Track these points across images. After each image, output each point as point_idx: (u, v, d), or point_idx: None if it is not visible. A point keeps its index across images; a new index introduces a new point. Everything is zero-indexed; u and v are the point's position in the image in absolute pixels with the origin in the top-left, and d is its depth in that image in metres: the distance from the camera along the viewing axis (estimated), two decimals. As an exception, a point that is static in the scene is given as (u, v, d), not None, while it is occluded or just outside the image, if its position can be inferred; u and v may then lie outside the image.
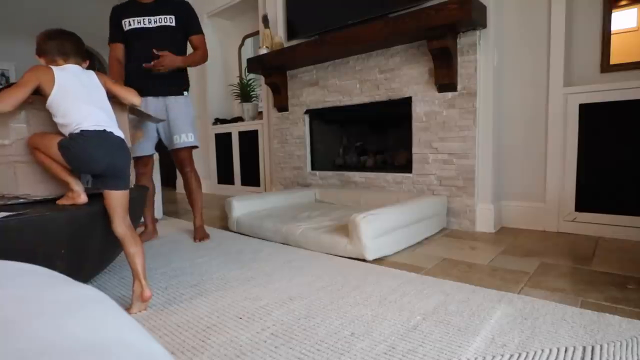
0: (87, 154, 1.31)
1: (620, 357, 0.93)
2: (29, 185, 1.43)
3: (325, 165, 3.21)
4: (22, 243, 1.18)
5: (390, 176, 2.68)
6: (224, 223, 2.65)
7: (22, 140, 1.40)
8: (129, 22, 2.08)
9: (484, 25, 2.19)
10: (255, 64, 3.20)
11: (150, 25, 2.08)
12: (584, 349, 0.97)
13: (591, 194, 2.12)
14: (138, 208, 1.74)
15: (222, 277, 1.61)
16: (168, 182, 4.70)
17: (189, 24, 2.18)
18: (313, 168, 3.22)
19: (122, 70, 2.13)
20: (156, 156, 2.93)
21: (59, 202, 1.41)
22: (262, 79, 3.51)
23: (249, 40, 4.53)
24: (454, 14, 2.04)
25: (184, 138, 2.17)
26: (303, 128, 3.20)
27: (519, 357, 0.94)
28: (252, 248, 2.05)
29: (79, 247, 1.34)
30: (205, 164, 4.74)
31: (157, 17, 2.08)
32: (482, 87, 2.23)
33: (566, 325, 1.09)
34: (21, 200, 1.42)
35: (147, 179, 2.27)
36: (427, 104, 2.44)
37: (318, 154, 3.22)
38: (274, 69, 3.15)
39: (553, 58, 2.16)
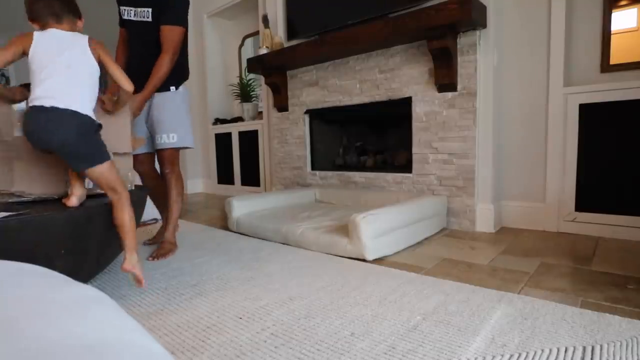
0: (26, 131, 1.25)
1: (620, 357, 0.93)
2: (24, 183, 1.43)
3: (325, 165, 3.21)
4: (22, 243, 1.18)
5: (390, 176, 2.68)
6: (224, 223, 2.65)
7: (22, 138, 1.40)
8: (124, 10, 1.95)
9: (484, 25, 2.19)
10: (255, 64, 3.20)
11: (133, 18, 1.93)
12: (584, 349, 0.97)
13: (591, 194, 2.12)
14: (139, 209, 1.74)
15: (222, 277, 1.61)
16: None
17: (162, 13, 1.88)
18: (313, 168, 3.22)
19: (123, 56, 2.05)
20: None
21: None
22: (262, 79, 3.51)
23: (249, 40, 4.52)
24: (454, 14, 2.04)
25: (164, 139, 1.97)
26: (303, 128, 3.20)
27: (519, 357, 0.94)
28: (252, 248, 2.05)
29: (78, 247, 1.34)
30: (205, 164, 4.74)
31: (139, 10, 1.90)
32: (482, 87, 2.23)
33: (566, 325, 1.09)
34: (14, 199, 1.42)
35: (151, 179, 2.15)
36: (427, 104, 2.44)
37: (318, 154, 3.22)
38: (274, 69, 3.15)
39: (553, 58, 2.16)
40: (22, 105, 1.43)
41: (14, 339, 0.31)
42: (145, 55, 1.90)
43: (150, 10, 1.87)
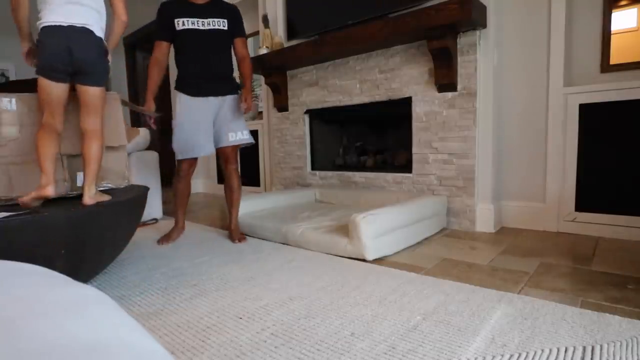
0: (50, 50, 1.36)
1: (620, 357, 0.93)
2: (22, 186, 1.43)
3: (325, 165, 3.21)
4: (22, 243, 1.18)
5: (390, 176, 2.68)
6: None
7: (14, 141, 1.40)
8: (183, 22, 2.03)
9: (484, 25, 2.19)
10: (255, 64, 3.20)
11: (203, 28, 2.06)
12: (584, 349, 0.97)
13: (591, 194, 2.12)
14: (139, 208, 1.74)
15: (222, 277, 1.61)
16: (168, 181, 4.70)
17: (236, 26, 2.17)
18: (313, 168, 3.22)
19: (160, 69, 2.13)
20: (155, 155, 2.93)
21: (21, 200, 1.37)
22: (262, 79, 3.51)
23: (249, 40, 4.52)
24: (454, 14, 2.04)
25: (240, 135, 2.18)
26: (303, 128, 3.20)
27: (519, 357, 0.94)
28: (252, 248, 2.05)
29: (78, 247, 1.34)
30: (205, 164, 4.74)
31: (211, 20, 2.07)
32: (482, 87, 2.23)
33: (566, 325, 1.09)
34: (12, 202, 1.43)
35: (188, 180, 2.26)
36: (427, 104, 2.44)
37: (318, 154, 3.22)
38: (274, 69, 3.15)
39: (553, 58, 2.16)
40: (5, 104, 1.44)
41: (13, 339, 0.31)
42: (216, 60, 2.11)
43: (226, 21, 2.10)
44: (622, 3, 2.07)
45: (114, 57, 1.64)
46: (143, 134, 2.88)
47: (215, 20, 2.08)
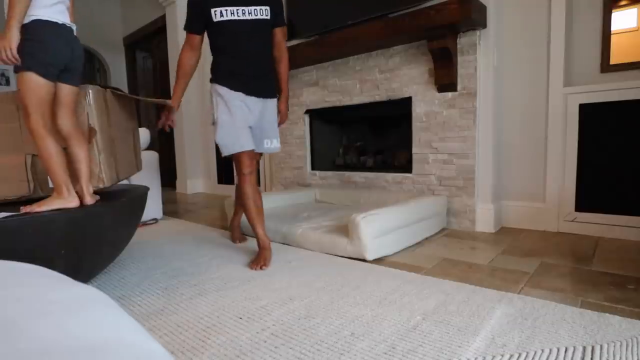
0: (47, 44, 1.32)
1: (620, 357, 0.93)
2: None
3: (325, 165, 3.21)
4: (22, 243, 1.18)
5: (390, 176, 2.68)
6: (224, 223, 2.65)
7: None
8: (222, 12, 1.78)
9: (484, 25, 2.19)
10: (255, 64, 3.20)
11: (245, 17, 1.79)
12: (584, 349, 0.97)
13: (591, 194, 2.12)
14: (139, 210, 1.74)
15: (222, 277, 1.61)
16: (168, 181, 4.70)
17: (277, 13, 1.89)
18: (313, 168, 3.22)
19: (193, 65, 1.95)
20: (155, 155, 2.93)
21: (38, 208, 1.30)
22: (262, 79, 3.50)
23: (249, 40, 4.52)
24: (454, 14, 2.04)
25: (275, 143, 1.95)
26: (303, 128, 3.20)
27: (519, 357, 0.94)
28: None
29: (78, 247, 1.34)
30: (205, 164, 4.74)
31: (252, 9, 1.81)
32: (482, 87, 2.23)
33: (566, 325, 1.09)
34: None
35: (255, 179, 1.89)
36: (427, 104, 2.44)
37: (318, 154, 3.22)
38: (274, 69, 3.15)
39: (553, 58, 2.16)
40: None
41: (13, 339, 0.31)
42: (260, 55, 1.85)
43: (268, 8, 1.83)
44: (622, 3, 2.07)
45: (113, 57, 1.63)
46: (143, 134, 2.87)
47: (258, 8, 1.80)
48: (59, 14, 1.36)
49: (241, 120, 1.81)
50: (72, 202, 1.35)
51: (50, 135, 1.33)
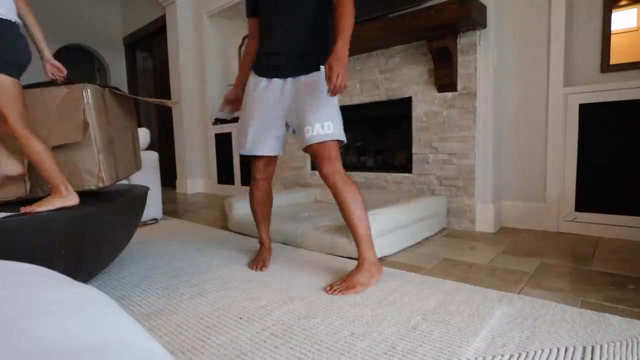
0: (20, 44, 1.28)
1: (620, 357, 0.93)
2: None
3: (325, 165, 3.21)
4: (22, 243, 1.18)
5: (390, 176, 2.68)
6: (224, 223, 2.65)
7: None
8: None
9: (484, 25, 2.18)
10: (255, 64, 3.19)
11: None
12: (584, 349, 0.97)
13: (591, 194, 2.12)
14: (139, 209, 1.74)
15: (222, 277, 1.61)
16: (168, 181, 4.70)
17: None
18: (313, 168, 3.22)
19: (250, 51, 1.69)
20: (155, 155, 2.93)
21: (38, 208, 1.28)
22: (262, 79, 3.50)
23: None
24: (454, 14, 2.04)
25: (318, 129, 1.50)
26: (303, 128, 3.19)
27: (519, 357, 0.94)
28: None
29: (78, 247, 1.34)
30: (205, 164, 4.74)
31: None
32: (482, 87, 2.23)
33: (566, 325, 1.09)
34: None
35: (269, 187, 1.75)
36: (427, 104, 2.44)
37: (318, 154, 3.21)
38: (274, 69, 3.14)
39: (553, 58, 2.16)
40: None
41: (13, 339, 0.31)
42: (292, 19, 1.51)
43: None
44: (622, 3, 2.07)
45: (113, 57, 1.60)
46: (143, 134, 2.87)
47: None
48: (11, 12, 1.30)
49: (251, 116, 1.60)
50: (72, 200, 1.33)
51: (33, 134, 1.28)
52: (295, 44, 1.52)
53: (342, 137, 1.58)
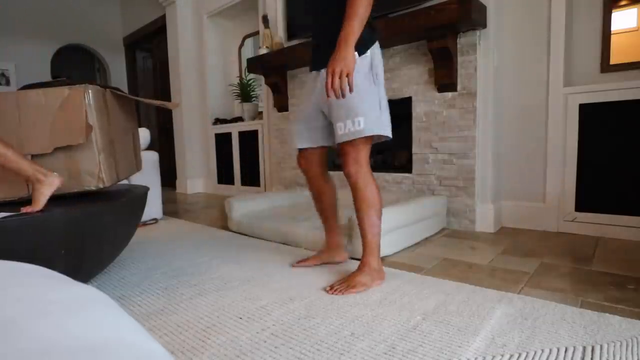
0: None
1: (620, 357, 0.93)
2: None
3: (325, 165, 3.21)
4: (22, 243, 1.18)
5: (390, 176, 2.68)
6: (224, 223, 2.65)
7: None
8: None
9: (484, 25, 2.18)
10: (255, 64, 3.20)
11: None
12: (584, 349, 0.97)
13: (591, 194, 2.11)
14: (139, 208, 1.74)
15: (222, 277, 1.61)
16: (168, 181, 4.70)
17: None
18: (313, 168, 3.21)
19: None
20: (155, 155, 2.93)
21: (37, 208, 1.25)
22: (262, 79, 3.51)
23: (249, 40, 4.52)
24: (454, 14, 2.04)
25: (348, 126, 1.39)
26: (303, 128, 3.19)
27: (519, 357, 0.94)
28: (252, 248, 2.05)
29: (78, 247, 1.34)
30: (205, 164, 4.74)
31: None
32: (482, 87, 2.23)
33: (566, 325, 1.09)
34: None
35: (321, 180, 1.69)
36: (427, 104, 2.44)
37: (318, 154, 3.21)
38: (274, 69, 3.15)
39: (553, 58, 2.16)
40: None
41: (13, 339, 0.31)
42: (325, 9, 1.47)
43: None
44: (622, 3, 2.07)
45: (113, 57, 1.57)
46: (143, 134, 2.87)
47: None
48: None
49: (300, 111, 1.57)
50: (55, 179, 1.29)
51: None
52: (328, 34, 1.43)
53: (377, 131, 1.41)
